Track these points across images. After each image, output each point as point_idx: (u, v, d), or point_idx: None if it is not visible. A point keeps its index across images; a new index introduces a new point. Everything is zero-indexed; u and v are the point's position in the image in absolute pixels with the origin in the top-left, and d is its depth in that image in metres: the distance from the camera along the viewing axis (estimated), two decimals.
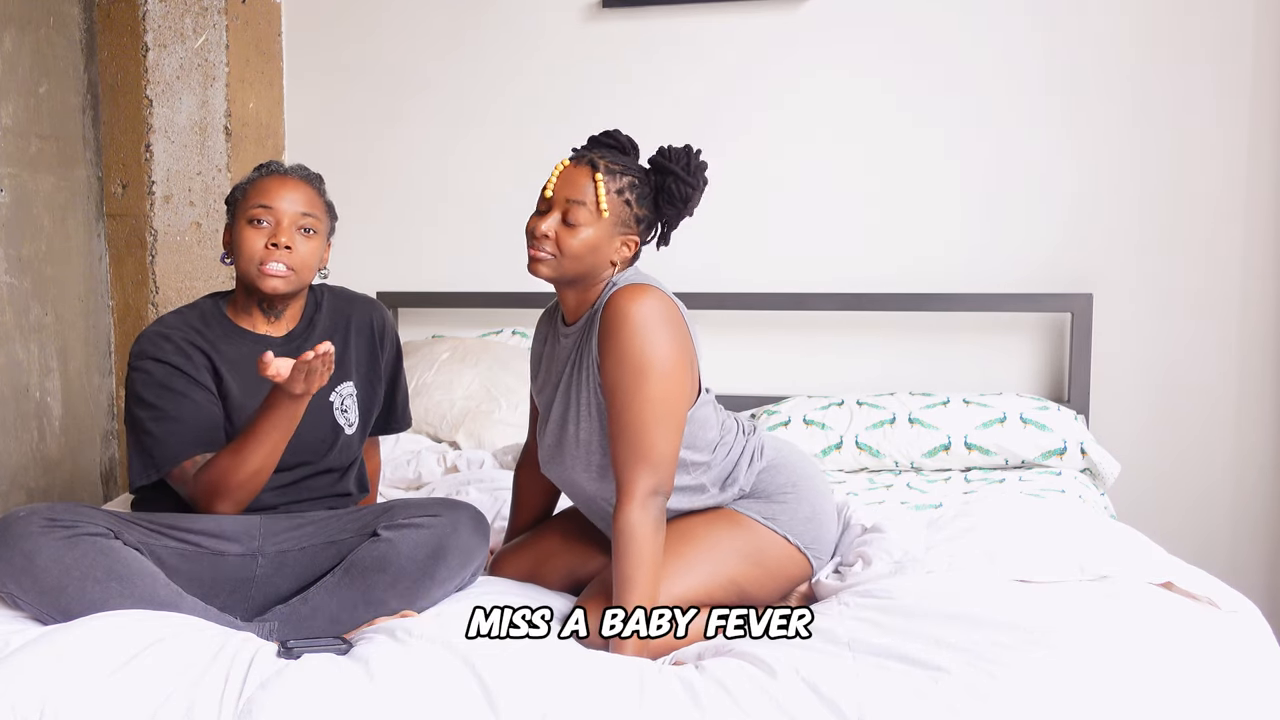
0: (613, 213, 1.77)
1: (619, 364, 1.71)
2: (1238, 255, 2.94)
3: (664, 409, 1.71)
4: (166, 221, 3.29)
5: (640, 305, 1.72)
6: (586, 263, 1.78)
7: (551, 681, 1.43)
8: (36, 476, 3.10)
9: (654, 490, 1.70)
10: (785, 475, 1.89)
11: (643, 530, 1.68)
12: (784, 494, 1.87)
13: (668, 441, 1.72)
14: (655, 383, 1.70)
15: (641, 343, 1.71)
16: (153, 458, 1.87)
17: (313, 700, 1.38)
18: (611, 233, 1.78)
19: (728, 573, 1.80)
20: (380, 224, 3.41)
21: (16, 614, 1.66)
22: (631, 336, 1.71)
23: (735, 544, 1.82)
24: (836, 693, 1.39)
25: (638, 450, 1.70)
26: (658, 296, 1.74)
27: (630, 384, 1.71)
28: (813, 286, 3.15)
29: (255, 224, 1.92)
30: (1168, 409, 3.00)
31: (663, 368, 1.71)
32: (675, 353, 1.73)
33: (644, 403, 1.70)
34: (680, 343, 1.74)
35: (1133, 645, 1.47)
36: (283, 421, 1.79)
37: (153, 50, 3.25)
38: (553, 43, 3.29)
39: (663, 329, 1.72)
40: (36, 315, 3.10)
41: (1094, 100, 2.99)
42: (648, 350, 1.70)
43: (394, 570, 1.74)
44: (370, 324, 2.10)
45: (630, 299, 1.73)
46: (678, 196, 1.79)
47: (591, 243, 1.76)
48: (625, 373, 1.71)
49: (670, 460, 1.72)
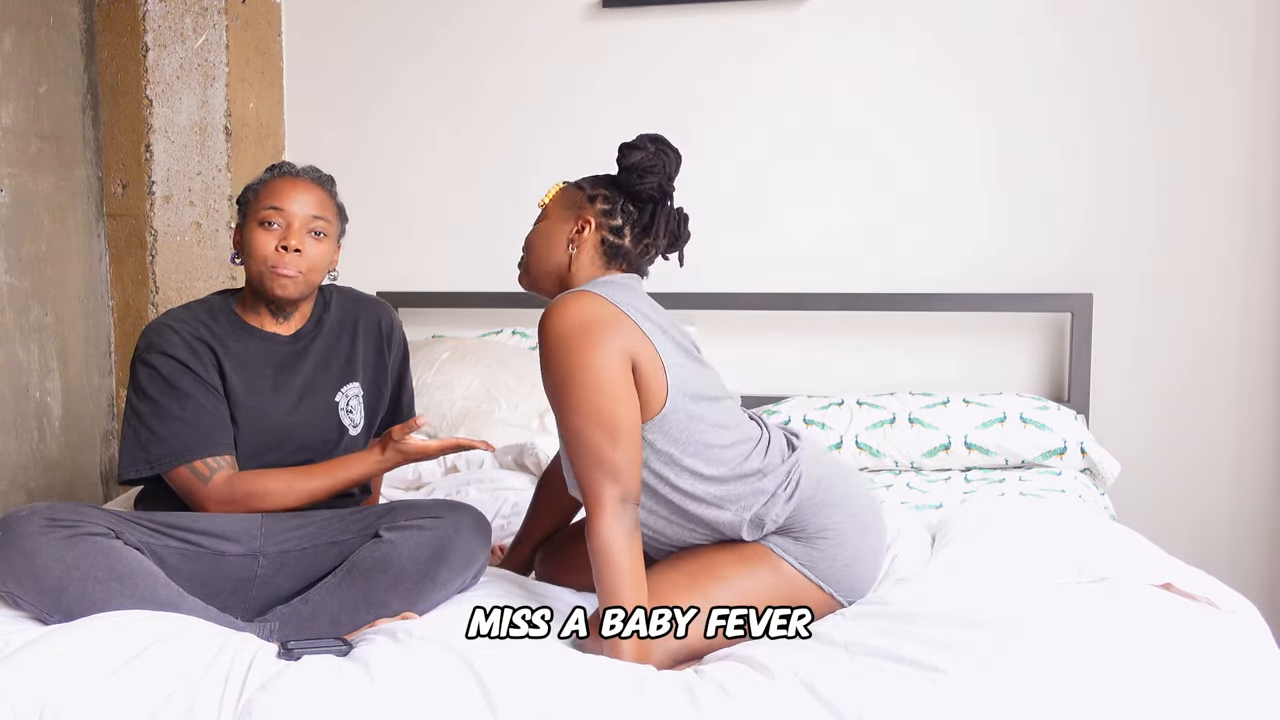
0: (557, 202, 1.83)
1: (547, 381, 1.68)
2: (1238, 255, 2.94)
3: (603, 418, 1.63)
4: (166, 221, 3.29)
5: (554, 317, 1.67)
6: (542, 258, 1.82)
7: (551, 682, 1.43)
8: (36, 476, 3.10)
9: (621, 499, 1.64)
10: (825, 514, 1.75)
11: (618, 542, 1.63)
12: (823, 535, 1.74)
13: (620, 450, 1.64)
14: (585, 393, 1.63)
15: (560, 356, 1.65)
16: (148, 453, 1.87)
17: (313, 701, 1.38)
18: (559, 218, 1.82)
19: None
20: (380, 224, 3.41)
21: (17, 614, 1.66)
22: (549, 352, 1.66)
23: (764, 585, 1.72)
24: (835, 694, 1.39)
25: (592, 462, 1.64)
26: (579, 301, 1.67)
27: (562, 401, 1.65)
28: (813, 286, 3.15)
29: (266, 226, 1.92)
30: (1168, 409, 3.00)
31: (585, 376, 1.63)
32: (602, 361, 1.63)
33: (579, 412, 1.64)
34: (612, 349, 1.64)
35: (1131, 646, 1.47)
36: (355, 478, 1.92)
37: (153, 50, 3.25)
38: (553, 43, 3.29)
39: (579, 336, 1.64)
40: (36, 315, 3.10)
41: (1094, 101, 2.99)
42: (567, 362, 1.64)
43: (395, 571, 1.74)
44: (378, 325, 2.10)
45: (551, 310, 1.68)
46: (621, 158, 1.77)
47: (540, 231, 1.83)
48: (554, 389, 1.67)
49: (629, 467, 1.65)
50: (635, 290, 1.78)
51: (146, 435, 1.88)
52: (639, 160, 1.75)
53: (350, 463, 1.92)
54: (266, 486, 1.87)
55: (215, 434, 1.88)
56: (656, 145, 1.78)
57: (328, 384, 2.01)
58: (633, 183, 1.77)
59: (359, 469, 1.91)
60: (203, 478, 1.86)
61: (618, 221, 1.79)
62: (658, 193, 1.78)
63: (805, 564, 1.73)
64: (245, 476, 1.87)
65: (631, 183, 1.77)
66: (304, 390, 1.99)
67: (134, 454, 1.88)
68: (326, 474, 1.90)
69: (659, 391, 1.69)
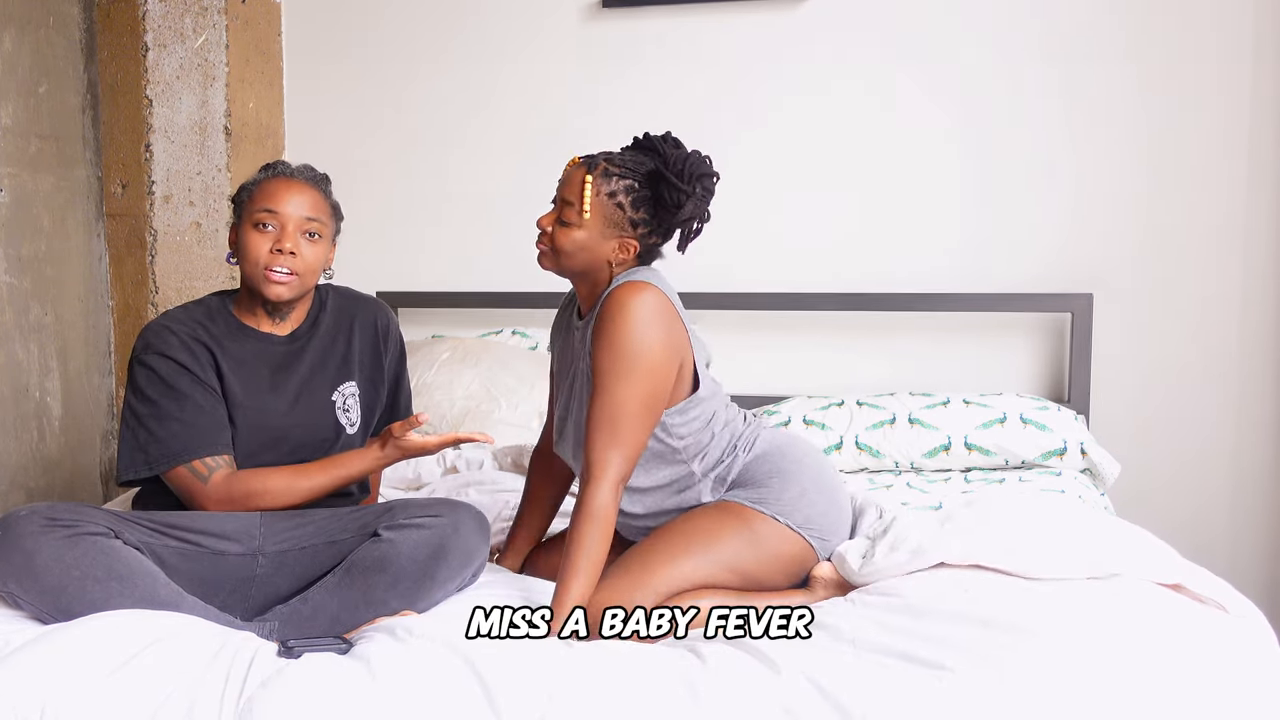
0: (598, 215, 1.82)
1: (609, 352, 1.78)
2: (1238, 255, 2.94)
3: (647, 402, 1.78)
4: (166, 221, 3.29)
5: (634, 300, 1.78)
6: (579, 260, 1.85)
7: (551, 681, 1.43)
8: (36, 476, 3.10)
9: (623, 477, 1.79)
10: (771, 463, 1.92)
11: (609, 512, 1.76)
12: (769, 479, 1.90)
13: (644, 432, 1.80)
14: (641, 375, 1.77)
15: (632, 335, 1.77)
16: (146, 454, 1.87)
17: (313, 700, 1.38)
18: (601, 234, 1.83)
19: (723, 554, 1.83)
20: (380, 224, 3.41)
21: (16, 614, 1.66)
22: (623, 328, 1.77)
23: (726, 525, 1.86)
24: (840, 690, 1.39)
25: (616, 435, 1.76)
26: (654, 294, 1.80)
27: (618, 373, 1.77)
28: (813, 286, 3.15)
29: (260, 228, 1.92)
30: (1168, 409, 3.00)
31: (650, 362, 1.77)
32: (663, 350, 1.79)
33: (629, 392, 1.77)
34: (670, 341, 1.80)
35: (1137, 647, 1.47)
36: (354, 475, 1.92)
37: (153, 50, 3.25)
38: (553, 42, 3.29)
39: (654, 326, 1.78)
40: (36, 315, 3.10)
41: (1094, 101, 2.99)
42: (637, 343, 1.77)
43: (395, 570, 1.74)
44: (374, 324, 2.10)
45: (627, 293, 1.79)
46: (670, 203, 1.81)
47: (580, 242, 1.83)
48: (614, 361, 1.77)
49: (640, 451, 1.81)
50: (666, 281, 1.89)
51: (145, 436, 1.88)
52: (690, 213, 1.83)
53: (349, 459, 1.92)
54: (265, 485, 1.87)
55: (213, 434, 1.88)
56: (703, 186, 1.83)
57: (324, 383, 2.01)
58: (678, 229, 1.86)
59: (358, 465, 1.92)
60: (201, 477, 1.86)
61: (655, 240, 1.89)
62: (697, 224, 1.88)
63: (756, 502, 1.88)
64: (244, 475, 1.87)
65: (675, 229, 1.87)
66: (301, 390, 1.99)
67: (132, 455, 1.88)
68: (325, 471, 1.91)
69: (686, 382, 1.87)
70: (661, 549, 1.82)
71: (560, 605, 1.70)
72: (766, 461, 1.92)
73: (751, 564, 1.85)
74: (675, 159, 1.82)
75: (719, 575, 1.83)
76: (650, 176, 1.83)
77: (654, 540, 1.86)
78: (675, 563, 1.80)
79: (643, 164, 1.84)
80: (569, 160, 1.88)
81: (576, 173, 1.84)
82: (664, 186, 1.81)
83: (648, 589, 1.76)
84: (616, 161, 1.83)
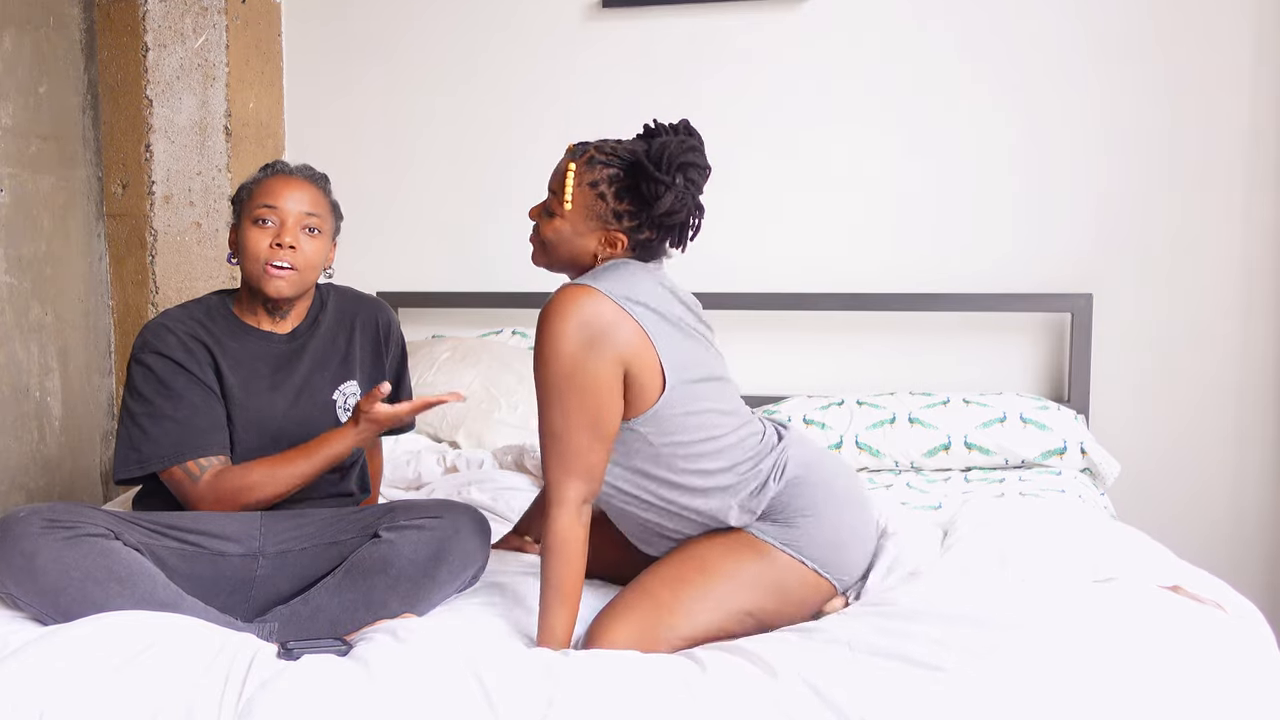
0: (580, 206, 1.71)
1: (538, 370, 1.66)
2: (1238, 255, 2.94)
3: (590, 420, 1.64)
4: (166, 221, 3.29)
5: (558, 310, 1.64)
6: (563, 253, 1.74)
7: (551, 686, 1.43)
8: (36, 476, 3.10)
9: (584, 498, 1.66)
10: (807, 495, 1.76)
11: (578, 541, 1.65)
12: (804, 516, 1.76)
13: (596, 452, 1.66)
14: (574, 394, 1.62)
15: (557, 351, 1.62)
16: (140, 453, 1.88)
17: (313, 701, 1.38)
18: (584, 225, 1.72)
19: (743, 605, 1.71)
20: (380, 224, 3.41)
21: (16, 614, 1.66)
22: (547, 343, 1.63)
23: (752, 574, 1.72)
24: (837, 693, 1.39)
25: (564, 460, 1.64)
26: (586, 301, 1.64)
27: (550, 393, 1.64)
28: (813, 286, 3.15)
29: (260, 224, 1.93)
30: (1168, 409, 3.00)
31: (578, 381, 1.62)
32: (592, 366, 1.62)
33: (566, 413, 1.63)
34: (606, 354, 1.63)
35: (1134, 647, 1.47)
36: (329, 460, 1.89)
37: (153, 50, 3.25)
38: (553, 42, 3.29)
39: (578, 338, 1.62)
40: (36, 315, 3.10)
41: (1094, 101, 2.98)
42: (564, 359, 1.62)
43: (395, 572, 1.74)
44: (375, 324, 2.10)
45: (556, 302, 1.65)
46: (647, 195, 1.68)
47: (563, 233, 1.73)
48: (544, 380, 1.65)
49: (599, 468, 1.67)
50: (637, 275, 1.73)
51: (139, 435, 1.88)
52: (670, 204, 1.69)
53: (328, 441, 1.89)
54: (249, 479, 1.86)
55: (208, 434, 1.88)
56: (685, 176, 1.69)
57: (325, 383, 2.01)
58: (661, 223, 1.72)
59: (337, 446, 1.89)
60: (194, 478, 1.86)
61: (645, 235, 1.74)
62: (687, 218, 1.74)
63: (786, 543, 1.74)
64: (227, 473, 1.87)
65: (660, 223, 1.72)
66: (301, 389, 1.99)
67: (127, 454, 1.89)
68: (306, 455, 1.89)
69: (653, 387, 1.68)
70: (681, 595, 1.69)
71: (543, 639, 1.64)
72: (801, 494, 1.76)
73: (772, 614, 1.73)
74: (657, 147, 1.67)
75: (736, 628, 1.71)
76: (634, 166, 1.70)
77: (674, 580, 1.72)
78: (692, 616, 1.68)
79: (633, 152, 1.71)
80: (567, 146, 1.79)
81: (564, 160, 1.74)
82: (642, 176, 1.67)
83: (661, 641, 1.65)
84: (606, 149, 1.72)
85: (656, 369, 1.68)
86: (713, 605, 1.70)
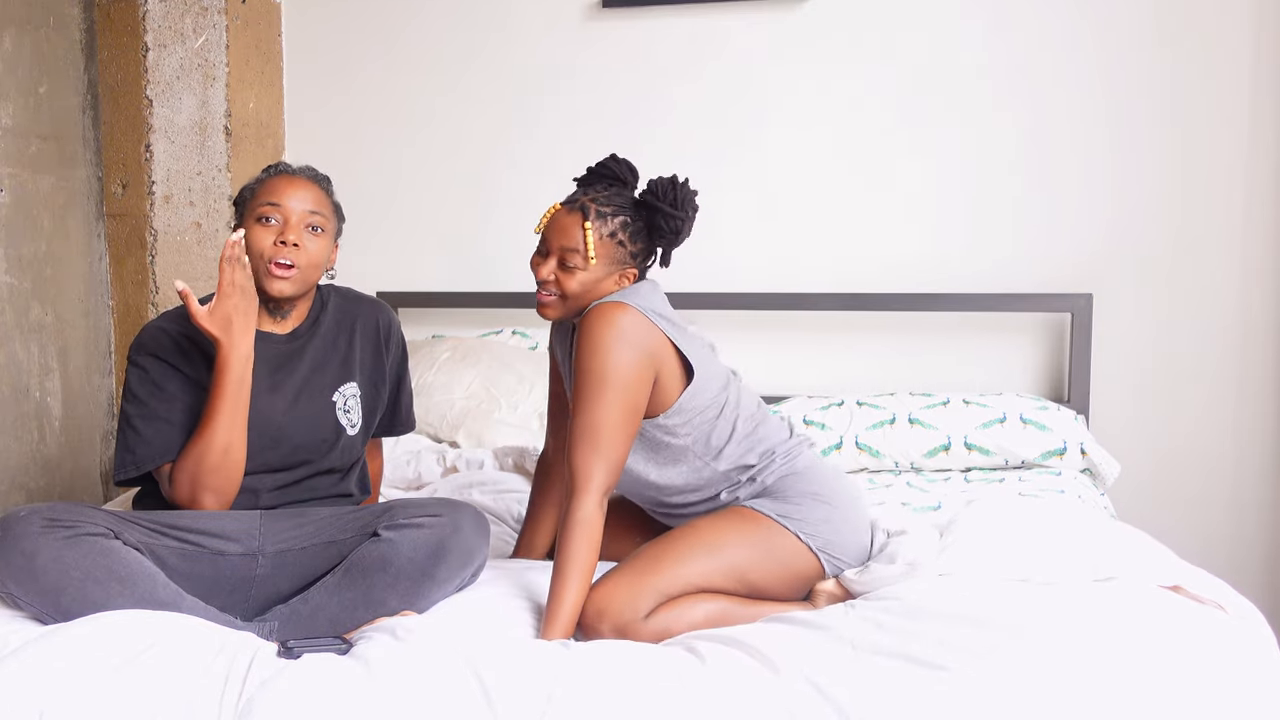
0: (604, 256, 1.88)
1: (583, 373, 1.83)
2: (1237, 255, 2.94)
3: (624, 415, 1.83)
4: (166, 221, 3.29)
5: (603, 321, 1.84)
6: (586, 300, 1.91)
7: (551, 682, 1.43)
8: (36, 476, 3.10)
9: (607, 487, 1.82)
10: (809, 484, 1.93)
11: (598, 524, 1.79)
12: (802, 497, 1.92)
13: (625, 443, 1.84)
14: (615, 393, 1.82)
15: (602, 356, 1.82)
16: (134, 454, 1.88)
17: (313, 700, 1.38)
18: (607, 271, 1.90)
19: (730, 560, 1.84)
20: (380, 224, 3.41)
21: (16, 614, 1.66)
22: (594, 350, 1.82)
23: (741, 533, 1.87)
24: (839, 691, 1.39)
25: (597, 447, 1.81)
26: (626, 315, 1.84)
27: (592, 391, 1.82)
28: (813, 286, 3.15)
29: (264, 222, 1.93)
30: (1168, 409, 3.00)
31: (622, 381, 1.82)
32: (632, 368, 1.83)
33: (605, 408, 1.82)
34: (640, 359, 1.84)
35: (1134, 647, 1.47)
36: (230, 387, 1.83)
37: (153, 50, 3.25)
38: (552, 42, 3.29)
39: (623, 345, 1.83)
40: (36, 315, 3.10)
41: (1094, 101, 2.98)
42: (607, 364, 1.82)
43: (394, 570, 1.74)
44: (376, 325, 2.10)
45: (599, 315, 1.85)
46: (668, 230, 1.90)
47: (589, 283, 1.90)
48: (588, 381, 1.83)
49: (622, 461, 1.85)
50: (653, 294, 1.94)
51: (133, 437, 1.89)
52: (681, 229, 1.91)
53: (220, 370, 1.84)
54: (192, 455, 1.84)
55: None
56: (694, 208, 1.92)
57: (325, 384, 2.01)
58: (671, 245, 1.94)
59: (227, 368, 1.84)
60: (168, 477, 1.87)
61: (651, 263, 1.98)
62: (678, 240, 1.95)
63: (782, 515, 1.89)
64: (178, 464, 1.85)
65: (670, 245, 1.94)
66: (300, 389, 1.99)
67: (123, 456, 1.89)
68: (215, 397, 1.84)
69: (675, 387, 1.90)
70: (672, 549, 1.84)
71: (553, 615, 1.71)
72: (805, 482, 1.94)
73: (759, 574, 1.86)
74: (663, 189, 1.89)
75: (724, 581, 1.84)
76: (637, 207, 1.91)
77: (668, 539, 1.88)
78: (681, 564, 1.82)
79: (623, 195, 1.91)
80: (550, 207, 1.92)
81: (571, 220, 1.88)
82: (659, 217, 1.89)
83: (650, 588, 1.78)
84: (604, 201, 1.89)
85: (678, 371, 1.90)
86: (702, 556, 1.84)
